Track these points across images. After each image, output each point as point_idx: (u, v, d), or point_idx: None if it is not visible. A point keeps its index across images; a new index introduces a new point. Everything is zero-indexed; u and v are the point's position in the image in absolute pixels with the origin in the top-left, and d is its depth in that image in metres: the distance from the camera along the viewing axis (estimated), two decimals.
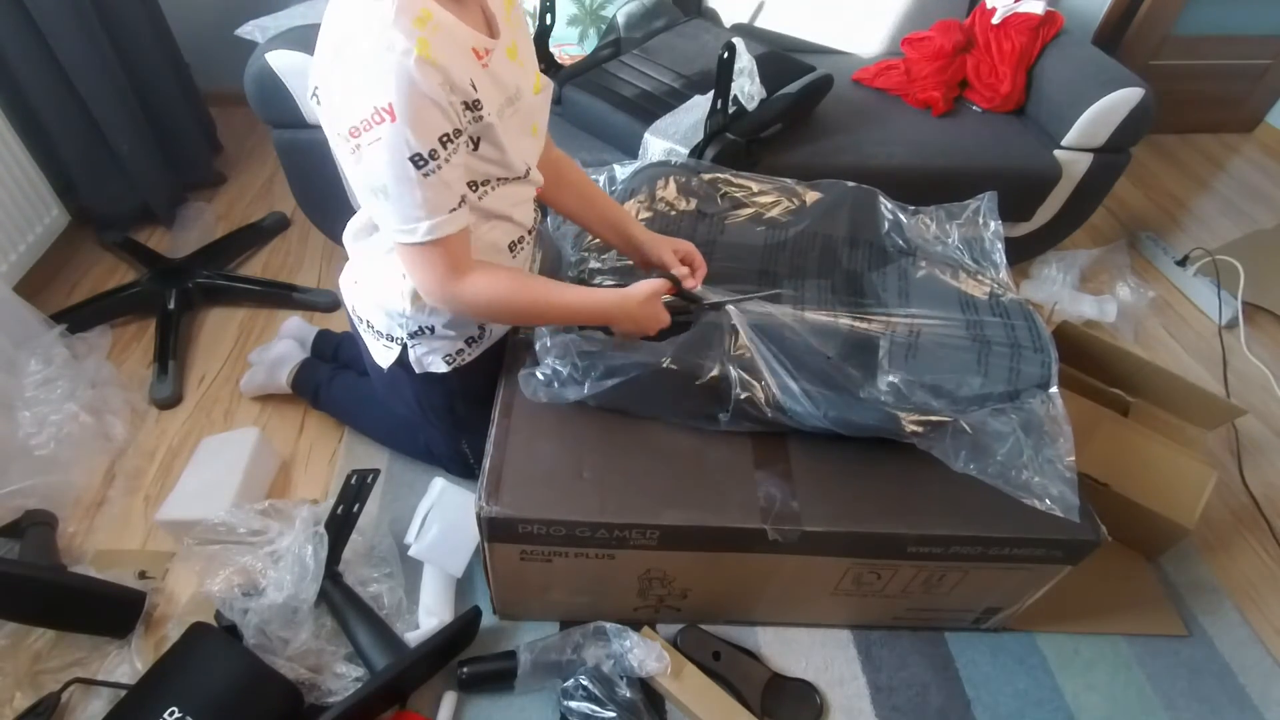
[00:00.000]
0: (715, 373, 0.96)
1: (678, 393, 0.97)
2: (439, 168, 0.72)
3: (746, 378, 0.96)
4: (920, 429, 0.95)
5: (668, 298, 0.99)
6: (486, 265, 0.86)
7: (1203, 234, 2.12)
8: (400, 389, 1.09)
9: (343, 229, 1.60)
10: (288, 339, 1.45)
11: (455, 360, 1.03)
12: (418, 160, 0.70)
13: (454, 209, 0.77)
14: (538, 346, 1.00)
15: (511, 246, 0.98)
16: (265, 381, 1.41)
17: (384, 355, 1.03)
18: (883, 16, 1.86)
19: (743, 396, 0.96)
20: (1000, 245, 1.21)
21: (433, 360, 1.02)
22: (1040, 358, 1.04)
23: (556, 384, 0.98)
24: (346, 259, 1.71)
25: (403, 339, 1.00)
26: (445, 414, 1.12)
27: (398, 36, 0.66)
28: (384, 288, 0.96)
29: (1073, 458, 0.96)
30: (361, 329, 1.05)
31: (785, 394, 0.95)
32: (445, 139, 0.72)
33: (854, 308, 1.10)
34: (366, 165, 0.71)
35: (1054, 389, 1.00)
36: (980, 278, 1.17)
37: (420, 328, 0.98)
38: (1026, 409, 0.97)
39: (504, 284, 0.86)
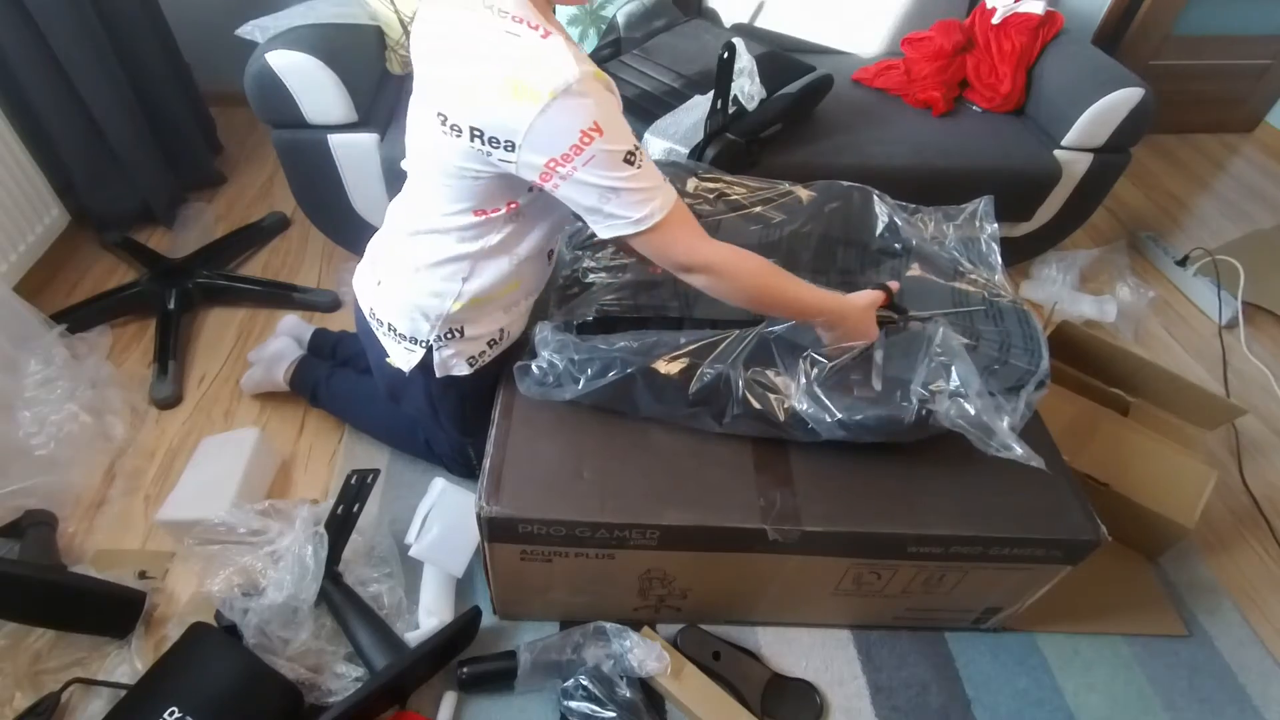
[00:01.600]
0: (714, 375, 0.96)
1: (674, 395, 0.97)
2: (641, 156, 0.79)
3: (751, 381, 0.96)
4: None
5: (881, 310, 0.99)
6: (729, 245, 0.88)
7: (1203, 234, 2.12)
8: (412, 391, 1.09)
9: (342, 229, 1.62)
10: (284, 336, 1.44)
11: (477, 362, 1.04)
12: (629, 158, 0.78)
13: (664, 181, 0.83)
14: (536, 338, 0.99)
15: (550, 254, 1.01)
16: (263, 379, 1.41)
17: (405, 358, 1.02)
18: (883, 16, 1.86)
19: (747, 401, 0.96)
20: (997, 247, 1.21)
21: (456, 363, 1.02)
22: (1029, 355, 1.04)
23: (551, 379, 0.98)
24: (346, 259, 1.73)
25: (428, 342, 0.99)
26: (456, 416, 1.12)
27: (572, 66, 0.72)
28: (418, 290, 0.96)
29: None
30: (380, 332, 1.03)
31: (798, 399, 0.95)
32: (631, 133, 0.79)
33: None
34: (588, 179, 0.77)
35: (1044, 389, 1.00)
36: (975, 278, 1.17)
37: (451, 330, 0.99)
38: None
39: (741, 252, 0.88)
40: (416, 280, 0.96)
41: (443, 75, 0.79)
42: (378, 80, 1.56)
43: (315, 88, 1.36)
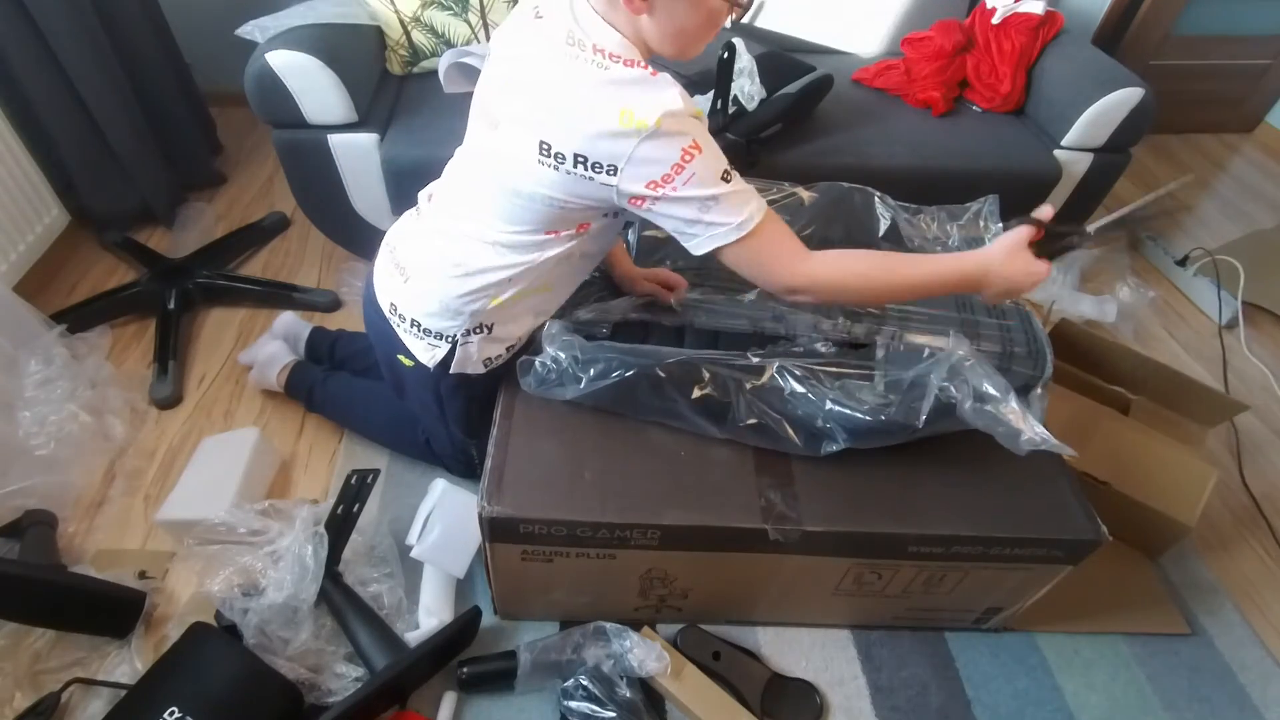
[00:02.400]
0: (717, 384, 0.96)
1: (676, 399, 0.97)
2: (735, 174, 0.83)
3: (753, 393, 0.96)
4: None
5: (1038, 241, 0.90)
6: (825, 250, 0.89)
7: (1203, 234, 2.12)
8: (420, 387, 1.09)
9: (342, 229, 1.62)
10: (278, 340, 1.43)
11: (492, 363, 1.04)
12: (725, 175, 0.81)
13: (758, 194, 0.85)
14: (544, 334, 0.99)
15: (595, 256, 1.03)
16: (259, 380, 1.41)
17: (427, 354, 1.02)
18: (883, 16, 1.86)
19: (748, 411, 0.96)
20: None
21: (475, 361, 1.02)
22: (1033, 360, 1.05)
23: (554, 376, 0.98)
24: (346, 258, 1.73)
25: (455, 338, 0.99)
26: (463, 416, 1.12)
27: (677, 99, 0.77)
28: (457, 289, 0.95)
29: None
30: (401, 328, 1.03)
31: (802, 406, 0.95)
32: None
33: (850, 310, 1.10)
34: (689, 193, 0.80)
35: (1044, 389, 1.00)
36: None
37: (481, 325, 0.99)
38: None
39: (851, 255, 0.89)
40: (457, 280, 0.95)
41: (543, 106, 0.81)
42: (378, 80, 1.56)
43: (315, 88, 1.36)
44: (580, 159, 0.80)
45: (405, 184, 1.47)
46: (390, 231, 1.08)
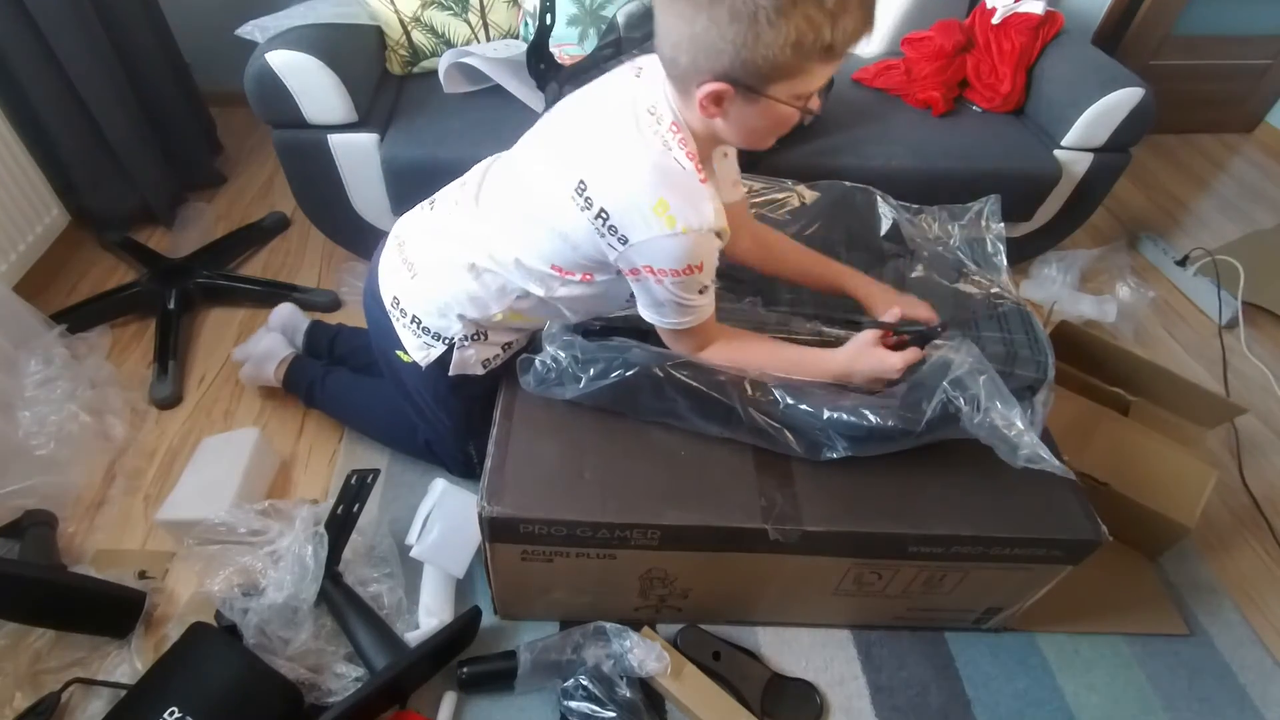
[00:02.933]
0: (716, 386, 0.96)
1: (676, 400, 0.97)
2: (710, 286, 0.90)
3: (753, 397, 0.96)
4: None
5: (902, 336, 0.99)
6: (726, 336, 0.98)
7: (1203, 234, 2.12)
8: (418, 387, 1.09)
9: (342, 229, 1.62)
10: (275, 333, 1.42)
11: (491, 364, 1.05)
12: (703, 289, 0.88)
13: (711, 301, 0.93)
14: (544, 334, 0.99)
15: (598, 311, 1.06)
16: (254, 375, 1.39)
17: (421, 352, 1.02)
18: (883, 16, 1.86)
19: (749, 413, 0.96)
20: (1002, 248, 1.21)
21: (473, 364, 1.03)
22: (1036, 359, 1.05)
23: (554, 376, 0.98)
24: (346, 258, 1.73)
25: (452, 339, 1.00)
26: (462, 416, 1.12)
27: (710, 218, 0.82)
28: (462, 291, 0.96)
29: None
30: (400, 324, 1.03)
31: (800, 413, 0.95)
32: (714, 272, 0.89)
33: (851, 310, 1.10)
34: (668, 290, 0.86)
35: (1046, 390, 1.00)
36: (979, 279, 1.17)
37: (479, 332, 1.00)
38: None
39: (744, 351, 0.98)
40: (465, 283, 0.96)
41: (598, 152, 0.86)
42: (378, 80, 1.56)
43: (315, 88, 1.36)
44: (603, 215, 0.83)
45: (405, 184, 1.47)
46: (399, 225, 1.07)
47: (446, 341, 1.00)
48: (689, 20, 0.73)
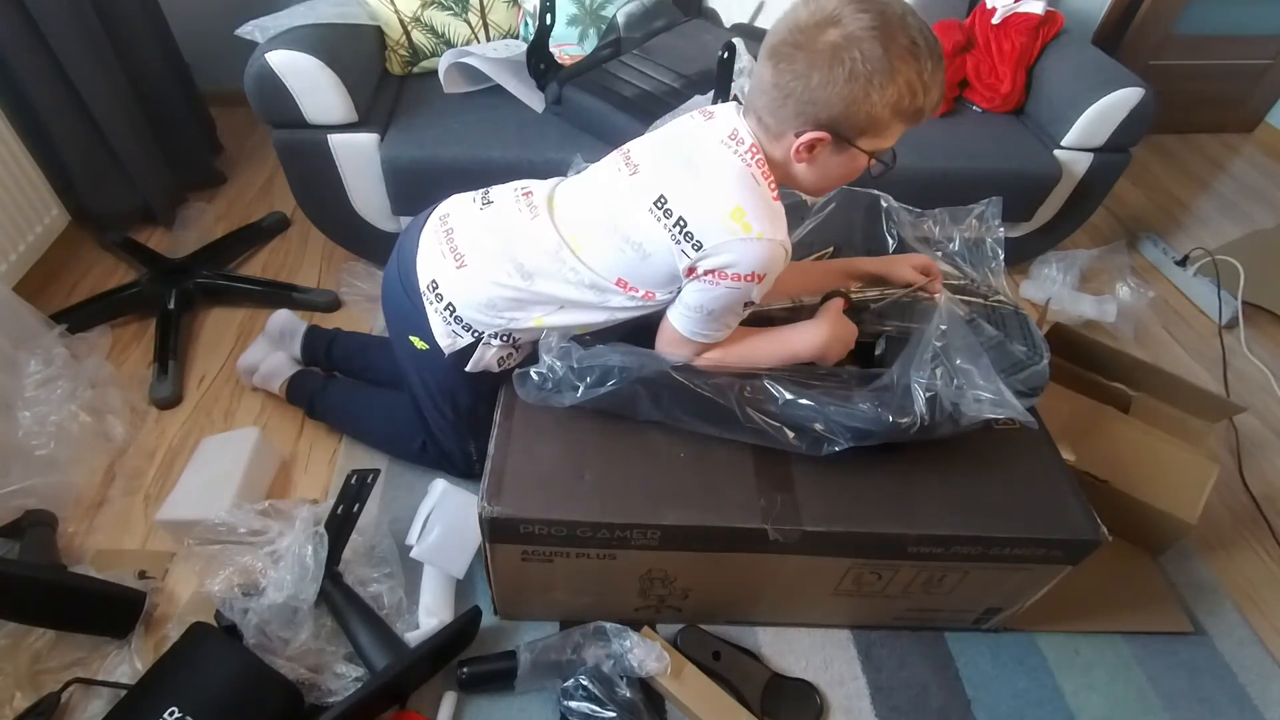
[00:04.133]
0: (714, 389, 0.95)
1: (673, 405, 0.97)
2: (751, 308, 0.94)
3: (751, 396, 0.96)
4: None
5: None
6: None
7: (1203, 234, 2.12)
8: (427, 377, 1.10)
9: (342, 229, 1.62)
10: (278, 354, 1.43)
11: (505, 363, 1.06)
12: (749, 304, 0.93)
13: (735, 326, 0.97)
14: (541, 342, 0.99)
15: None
16: (261, 387, 1.42)
17: (447, 340, 1.02)
18: None
19: (747, 415, 0.96)
20: (1001, 251, 1.21)
21: (492, 361, 1.04)
22: (1030, 352, 1.04)
23: (551, 385, 0.98)
24: (346, 258, 1.73)
25: (481, 334, 1.01)
26: (465, 410, 1.13)
27: (783, 232, 0.89)
28: (500, 286, 0.97)
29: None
30: (434, 307, 1.01)
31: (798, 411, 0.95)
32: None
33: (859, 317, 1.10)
34: (719, 295, 0.90)
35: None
36: (978, 282, 1.18)
37: (510, 333, 1.01)
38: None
39: (731, 356, 0.99)
40: (515, 282, 0.97)
41: (679, 168, 0.91)
42: (378, 80, 1.56)
43: (315, 88, 1.36)
44: (681, 223, 0.87)
45: (405, 184, 1.47)
46: (448, 214, 1.04)
47: (475, 335, 1.01)
48: (803, 75, 0.82)
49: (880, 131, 0.86)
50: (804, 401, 0.94)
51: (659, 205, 0.89)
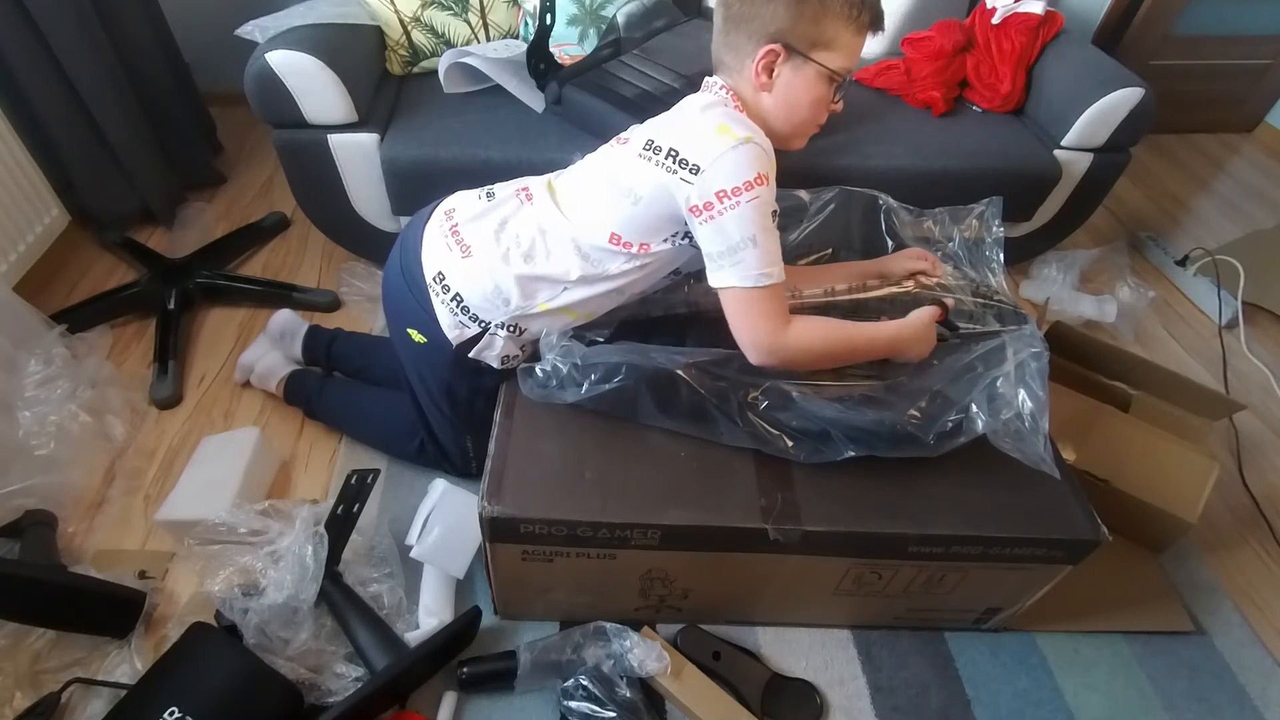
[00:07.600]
0: (717, 393, 0.96)
1: (675, 406, 0.97)
2: (776, 220, 0.92)
3: (753, 402, 0.96)
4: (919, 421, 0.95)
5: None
6: (797, 315, 0.96)
7: (1203, 234, 2.12)
8: (426, 372, 1.10)
9: (342, 229, 1.62)
10: (275, 353, 1.44)
11: (507, 362, 1.06)
12: (775, 215, 0.91)
13: (779, 258, 0.93)
14: (543, 341, 1.00)
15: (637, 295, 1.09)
16: (259, 386, 1.43)
17: (454, 330, 1.02)
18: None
19: (749, 420, 0.96)
20: (1001, 251, 1.21)
21: (494, 356, 1.04)
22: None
23: (554, 382, 0.98)
24: (346, 258, 1.73)
25: (488, 324, 1.01)
26: (464, 406, 1.13)
27: (764, 139, 0.92)
28: (505, 272, 0.98)
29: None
30: (441, 299, 1.02)
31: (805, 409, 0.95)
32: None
33: (852, 313, 1.10)
34: (741, 217, 0.88)
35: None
36: (978, 282, 1.18)
37: (517, 324, 1.01)
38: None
39: (820, 328, 0.97)
40: (518, 268, 0.98)
41: (667, 119, 0.98)
42: (378, 80, 1.56)
43: (315, 88, 1.36)
44: (673, 153, 0.91)
45: (405, 184, 1.47)
46: (454, 209, 1.05)
47: (482, 325, 1.01)
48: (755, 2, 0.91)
49: (831, 42, 0.93)
50: (808, 408, 0.94)
51: (648, 147, 0.93)
